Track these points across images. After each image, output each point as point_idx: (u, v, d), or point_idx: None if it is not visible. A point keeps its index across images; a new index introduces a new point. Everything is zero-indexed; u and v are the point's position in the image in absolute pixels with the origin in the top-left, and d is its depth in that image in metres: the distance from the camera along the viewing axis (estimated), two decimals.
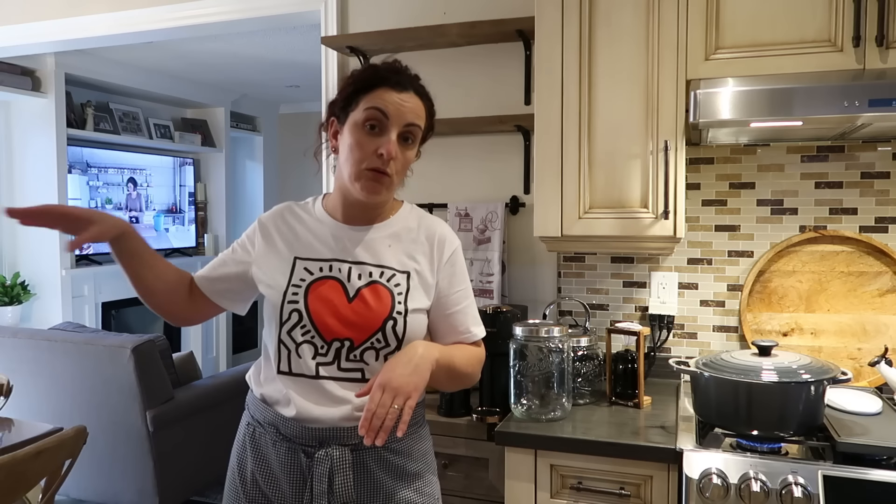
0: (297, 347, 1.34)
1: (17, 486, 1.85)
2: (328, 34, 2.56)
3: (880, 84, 1.63)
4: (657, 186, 1.89)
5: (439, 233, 1.45)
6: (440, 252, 1.43)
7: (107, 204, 5.12)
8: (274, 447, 1.37)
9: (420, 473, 1.41)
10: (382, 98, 1.31)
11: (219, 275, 1.45)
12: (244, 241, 1.46)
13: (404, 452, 1.40)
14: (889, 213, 2.06)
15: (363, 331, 1.33)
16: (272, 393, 1.38)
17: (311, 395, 1.34)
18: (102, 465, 3.16)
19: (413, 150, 1.39)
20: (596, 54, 1.93)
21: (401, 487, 1.38)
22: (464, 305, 1.44)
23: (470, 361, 1.43)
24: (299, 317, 1.33)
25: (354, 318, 1.33)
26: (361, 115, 1.31)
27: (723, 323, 2.21)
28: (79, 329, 3.42)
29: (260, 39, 4.26)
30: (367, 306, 1.33)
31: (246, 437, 1.43)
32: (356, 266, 1.36)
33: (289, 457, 1.35)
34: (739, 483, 1.52)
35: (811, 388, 1.57)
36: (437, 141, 2.48)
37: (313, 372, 1.34)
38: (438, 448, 2.01)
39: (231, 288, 1.45)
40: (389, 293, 1.35)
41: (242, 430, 1.46)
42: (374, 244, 1.39)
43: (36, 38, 3.16)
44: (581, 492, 1.73)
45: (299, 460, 1.34)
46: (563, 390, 1.88)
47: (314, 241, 1.39)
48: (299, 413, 1.33)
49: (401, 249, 1.40)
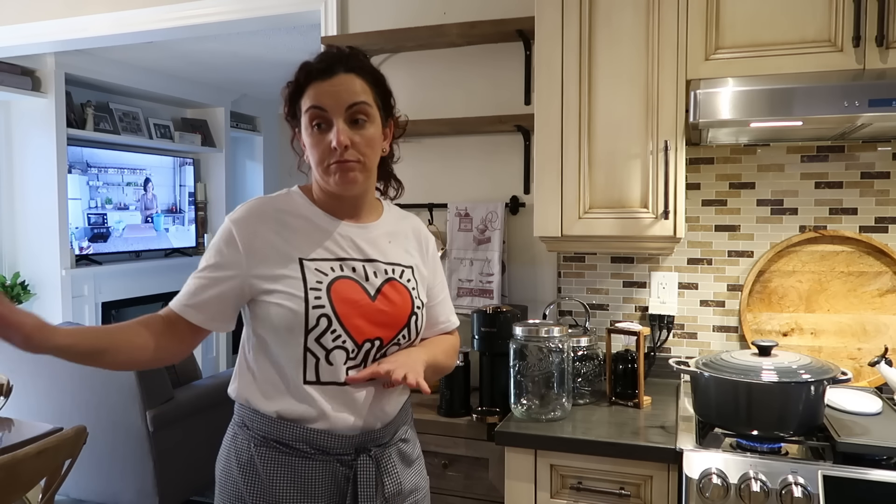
0: (329, 354, 1.27)
1: (17, 486, 1.85)
2: (328, 34, 2.56)
3: (880, 84, 1.63)
4: (657, 186, 1.89)
5: (422, 228, 1.51)
6: (426, 246, 1.48)
7: (107, 204, 5.12)
8: (306, 463, 1.28)
9: (417, 456, 1.47)
10: (316, 94, 1.28)
11: (207, 299, 1.28)
12: (223, 250, 1.29)
13: (410, 440, 1.45)
14: (889, 213, 2.06)
15: (392, 328, 1.33)
16: (293, 408, 1.28)
17: (340, 403, 1.29)
18: (102, 465, 3.16)
19: (372, 127, 1.31)
20: (596, 54, 1.93)
21: (411, 474, 1.42)
22: (444, 296, 1.51)
23: (448, 353, 1.48)
24: (328, 322, 1.26)
25: (382, 316, 1.31)
26: (305, 118, 1.29)
27: (723, 323, 2.21)
28: None
29: (260, 39, 4.25)
30: (393, 303, 1.33)
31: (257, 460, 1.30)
32: (369, 264, 1.34)
33: (325, 470, 1.29)
34: (739, 483, 1.52)
35: (811, 388, 1.57)
36: (437, 141, 2.49)
37: (343, 378, 1.29)
38: (438, 448, 2.02)
39: (224, 308, 1.30)
40: (406, 289, 1.36)
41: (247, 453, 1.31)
42: (378, 241, 1.37)
43: (36, 38, 3.16)
44: (581, 492, 1.73)
45: (335, 471, 1.29)
46: (563, 390, 1.88)
47: (316, 240, 1.31)
48: (333, 426, 1.29)
49: (399, 245, 1.41)
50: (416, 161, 2.51)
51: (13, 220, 4.58)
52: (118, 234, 5.23)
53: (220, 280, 1.28)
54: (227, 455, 1.35)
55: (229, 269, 1.28)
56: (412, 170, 2.51)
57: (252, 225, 1.29)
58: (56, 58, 4.35)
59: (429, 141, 2.50)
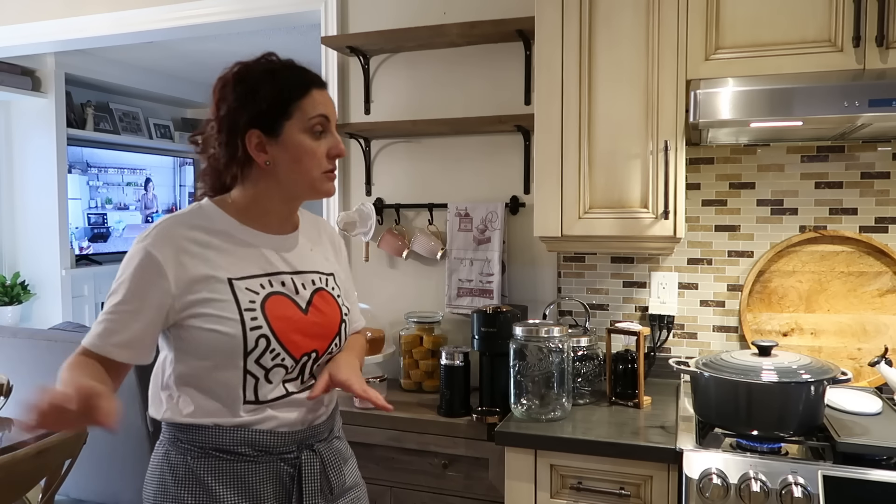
0: (268, 373, 1.25)
1: (17, 486, 1.85)
2: (328, 34, 2.56)
3: (880, 84, 1.63)
4: (657, 186, 1.89)
5: (332, 231, 1.52)
6: (339, 248, 1.50)
7: (107, 204, 5.12)
8: (250, 467, 1.26)
9: (351, 454, 1.48)
10: (322, 102, 1.29)
11: (139, 332, 1.20)
12: (142, 279, 1.20)
13: (342, 438, 1.47)
14: (889, 213, 2.06)
15: (325, 339, 1.33)
16: (231, 418, 1.25)
17: (281, 408, 1.28)
18: (102, 465, 3.16)
19: None
20: (596, 54, 1.93)
21: (350, 469, 1.44)
22: (354, 297, 1.52)
23: (363, 354, 1.52)
24: (267, 342, 1.23)
25: (316, 328, 1.31)
26: (307, 122, 1.26)
27: (723, 323, 2.21)
28: (79, 329, 3.42)
29: (260, 39, 4.24)
30: (324, 314, 1.33)
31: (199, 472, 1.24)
32: (297, 276, 1.32)
33: (269, 471, 1.27)
34: (739, 483, 1.52)
35: (811, 388, 1.57)
36: (437, 141, 2.49)
37: (284, 393, 1.28)
38: (438, 448, 2.02)
39: (151, 342, 1.23)
40: (333, 297, 1.37)
41: (184, 468, 1.25)
42: (302, 251, 1.36)
43: (36, 38, 3.16)
44: (581, 492, 1.73)
45: (279, 471, 1.28)
46: (563, 390, 1.88)
47: (241, 256, 1.27)
48: (277, 426, 1.27)
49: (320, 253, 1.41)
50: (416, 161, 2.51)
51: (13, 220, 4.58)
52: (118, 234, 5.23)
53: (142, 312, 1.20)
54: (160, 476, 1.27)
55: (151, 298, 1.19)
56: (412, 170, 2.52)
57: (170, 248, 1.21)
58: (56, 58, 4.35)
59: (429, 141, 2.50)
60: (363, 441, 2.05)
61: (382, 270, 2.56)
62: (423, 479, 2.05)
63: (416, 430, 2.04)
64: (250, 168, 1.29)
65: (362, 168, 2.57)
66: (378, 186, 2.56)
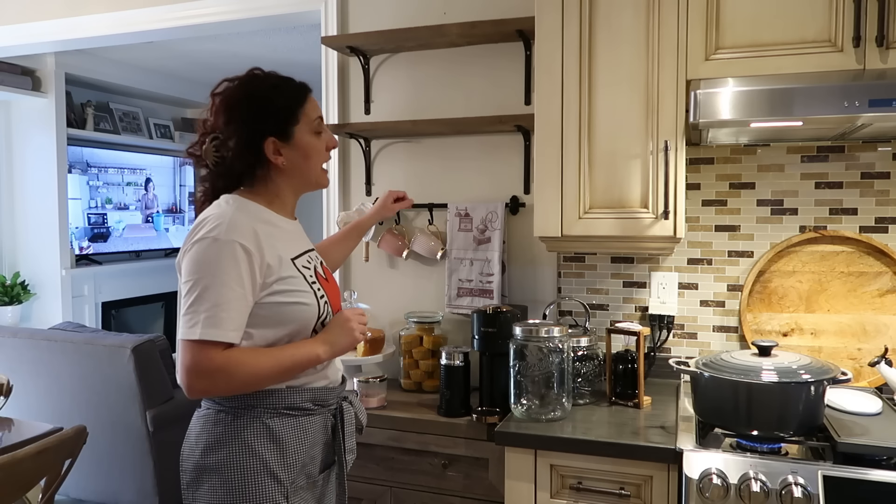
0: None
1: (17, 486, 1.85)
2: (328, 34, 2.57)
3: (880, 84, 1.63)
4: (657, 186, 1.89)
5: None
6: None
7: (107, 204, 5.12)
8: (311, 419, 1.47)
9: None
10: (315, 104, 1.51)
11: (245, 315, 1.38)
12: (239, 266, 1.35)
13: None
14: (889, 214, 2.06)
15: (339, 299, 1.61)
16: (297, 380, 1.45)
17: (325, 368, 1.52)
18: (102, 464, 3.16)
19: None
20: (596, 54, 1.93)
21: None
22: None
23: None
24: (328, 306, 1.49)
25: (335, 290, 1.58)
26: (312, 124, 1.49)
27: (723, 323, 2.21)
28: (79, 329, 3.42)
29: (260, 39, 4.26)
30: (331, 281, 1.59)
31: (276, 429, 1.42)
32: (311, 252, 1.57)
33: (323, 422, 1.50)
34: (739, 483, 1.52)
35: (811, 388, 1.57)
36: (437, 141, 2.49)
37: None
38: (438, 448, 2.02)
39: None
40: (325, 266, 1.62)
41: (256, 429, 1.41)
42: (304, 231, 1.61)
43: (36, 38, 3.16)
44: (581, 492, 1.73)
45: (326, 421, 1.51)
46: (563, 390, 1.88)
47: (287, 240, 1.49)
48: (328, 382, 1.52)
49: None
50: (416, 161, 2.51)
51: (13, 220, 4.58)
52: (118, 234, 5.23)
53: (246, 297, 1.36)
54: (231, 438, 1.40)
55: (249, 282, 1.36)
56: (412, 170, 2.52)
57: (250, 237, 1.38)
58: (56, 58, 4.35)
59: (429, 141, 2.50)
60: (363, 441, 2.05)
61: (382, 270, 2.56)
62: (422, 479, 2.06)
63: (416, 430, 2.05)
64: (262, 168, 1.48)
65: (362, 168, 2.57)
66: (378, 186, 2.56)
